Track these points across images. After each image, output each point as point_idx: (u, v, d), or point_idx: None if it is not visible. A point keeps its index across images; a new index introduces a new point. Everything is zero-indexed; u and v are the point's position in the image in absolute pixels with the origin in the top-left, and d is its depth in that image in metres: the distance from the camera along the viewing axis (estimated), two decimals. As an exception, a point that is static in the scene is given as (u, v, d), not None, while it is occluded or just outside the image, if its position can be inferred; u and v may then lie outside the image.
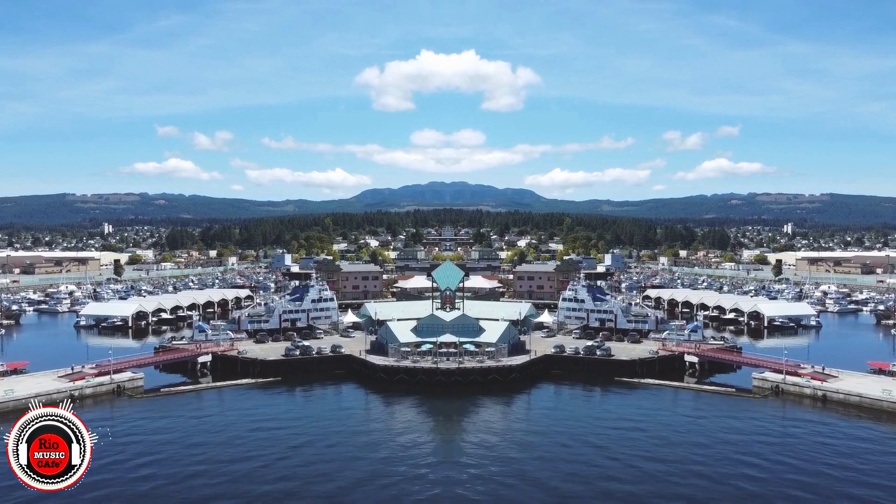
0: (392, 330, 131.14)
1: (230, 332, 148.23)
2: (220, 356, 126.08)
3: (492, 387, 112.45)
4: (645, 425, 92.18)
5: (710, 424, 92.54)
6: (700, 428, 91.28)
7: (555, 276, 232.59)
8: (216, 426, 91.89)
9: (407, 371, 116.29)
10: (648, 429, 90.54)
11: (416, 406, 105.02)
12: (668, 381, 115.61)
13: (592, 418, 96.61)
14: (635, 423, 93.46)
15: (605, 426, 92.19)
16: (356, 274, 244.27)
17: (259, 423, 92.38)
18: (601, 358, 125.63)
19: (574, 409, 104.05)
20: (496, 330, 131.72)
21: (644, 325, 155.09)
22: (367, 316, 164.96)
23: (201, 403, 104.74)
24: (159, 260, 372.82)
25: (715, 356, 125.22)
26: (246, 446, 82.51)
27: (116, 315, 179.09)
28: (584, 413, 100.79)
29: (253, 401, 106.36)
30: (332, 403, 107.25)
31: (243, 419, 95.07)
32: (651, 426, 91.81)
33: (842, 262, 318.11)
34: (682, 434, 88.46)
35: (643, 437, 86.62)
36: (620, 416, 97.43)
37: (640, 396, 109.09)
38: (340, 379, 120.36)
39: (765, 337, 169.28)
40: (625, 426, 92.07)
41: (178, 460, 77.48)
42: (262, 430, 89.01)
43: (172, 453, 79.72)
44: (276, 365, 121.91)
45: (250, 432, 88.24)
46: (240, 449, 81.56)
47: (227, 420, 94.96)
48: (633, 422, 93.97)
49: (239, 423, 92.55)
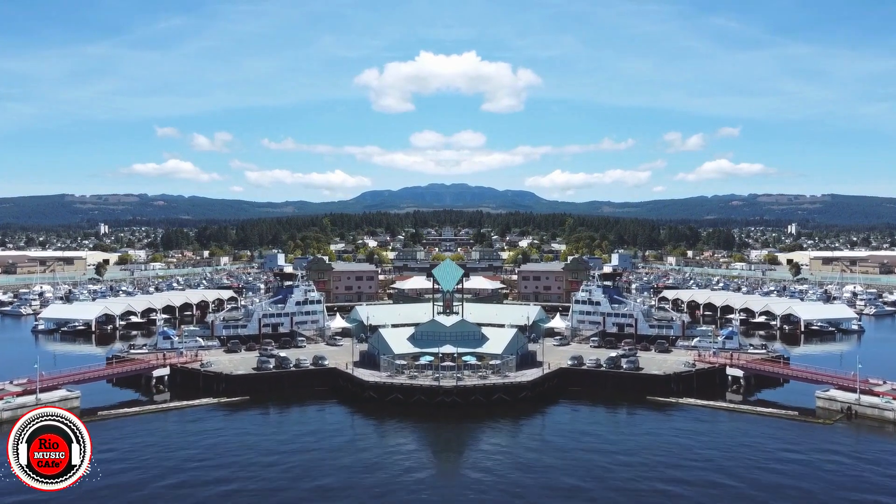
0: (385, 338, 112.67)
1: (200, 338, 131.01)
2: (180, 369, 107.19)
3: (497, 409, 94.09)
4: (692, 461, 73.95)
5: (781, 464, 72.95)
6: (767, 467, 72.23)
7: (563, 276, 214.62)
8: (148, 464, 71.91)
9: (402, 389, 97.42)
10: (697, 466, 72.36)
11: (408, 433, 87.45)
12: (713, 402, 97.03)
13: (624, 452, 77.83)
14: (679, 458, 75.27)
15: (640, 462, 73.94)
16: (349, 274, 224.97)
17: (210, 460, 74.05)
18: (628, 372, 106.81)
19: (599, 438, 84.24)
20: (501, 338, 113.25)
21: (669, 331, 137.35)
22: (358, 321, 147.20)
23: (139, 431, 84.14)
24: (150, 260, 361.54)
25: (763, 369, 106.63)
26: (185, 497, 64.10)
27: (78, 319, 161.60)
28: (613, 444, 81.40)
29: (209, 426, 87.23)
30: (307, 429, 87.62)
31: (191, 455, 75.89)
32: (700, 464, 73.29)
33: (858, 262, 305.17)
34: (743, 476, 69.56)
35: (692, 479, 68.54)
36: (658, 448, 78.90)
37: (680, 420, 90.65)
38: (322, 398, 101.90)
39: (801, 343, 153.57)
40: (665, 462, 73.84)
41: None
42: (211, 468, 70.95)
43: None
44: (244, 381, 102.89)
45: (194, 471, 69.98)
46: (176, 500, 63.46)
47: (167, 456, 74.94)
48: (675, 457, 75.73)
49: (183, 463, 73.04)
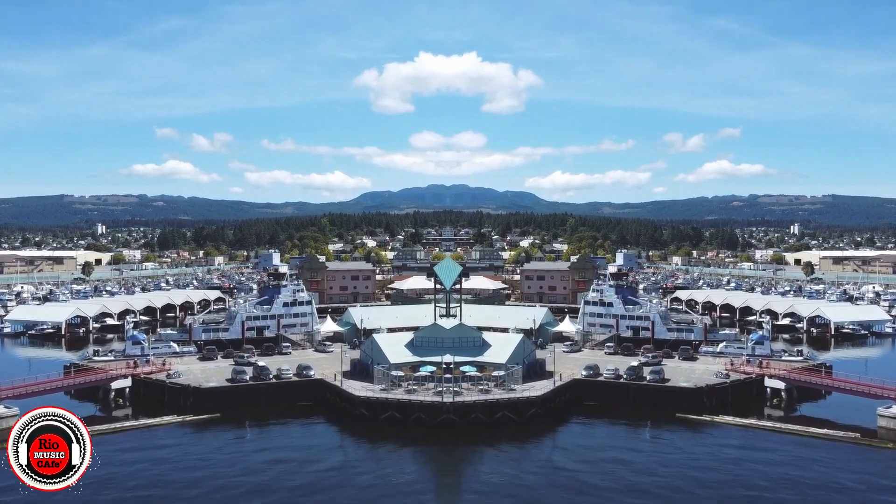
0: (379, 345, 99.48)
1: (175, 343, 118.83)
2: (143, 380, 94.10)
3: (502, 429, 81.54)
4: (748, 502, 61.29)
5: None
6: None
7: (569, 276, 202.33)
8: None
9: (399, 406, 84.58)
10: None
11: (403, 459, 75.23)
12: (757, 420, 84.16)
13: (656, 485, 65.01)
14: (728, 496, 62.67)
15: (680, 499, 61.57)
16: (344, 273, 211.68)
17: (157, 495, 61.51)
18: (653, 384, 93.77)
19: (626, 466, 71.03)
20: (506, 345, 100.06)
21: (689, 335, 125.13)
22: (351, 324, 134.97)
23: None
24: (143, 260, 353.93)
25: (809, 380, 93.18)
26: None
27: (47, 321, 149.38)
28: (642, 474, 68.60)
29: (168, 453, 73.70)
30: (282, 455, 74.22)
31: (137, 490, 62.60)
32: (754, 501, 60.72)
33: (869, 262, 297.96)
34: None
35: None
36: (698, 480, 66.12)
37: (719, 443, 77.64)
38: (306, 414, 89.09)
39: (831, 347, 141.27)
40: (710, 497, 61.48)
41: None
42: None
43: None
44: (214, 395, 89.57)
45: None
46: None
47: (97, 498, 59.72)
48: (722, 492, 63.15)
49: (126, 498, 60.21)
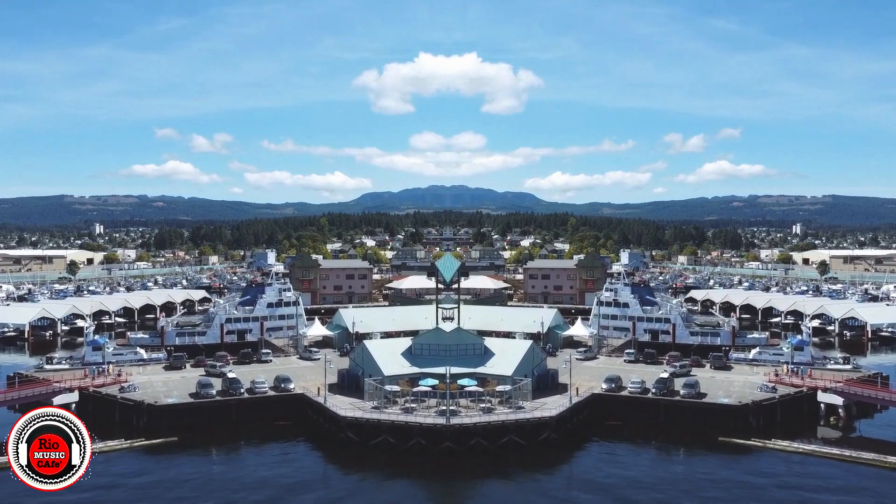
0: (371, 353, 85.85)
1: (143, 349, 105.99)
2: (91, 395, 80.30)
3: (508, 456, 67.86)
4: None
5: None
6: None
7: (576, 274, 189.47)
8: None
9: (393, 430, 70.85)
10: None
11: (394, 491, 62.44)
12: (821, 447, 70.42)
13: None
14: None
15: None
16: (338, 271, 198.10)
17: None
18: (688, 401, 80.00)
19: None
20: (512, 354, 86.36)
21: (716, 339, 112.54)
22: (342, 327, 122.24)
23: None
24: (136, 259, 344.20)
25: (869, 394, 79.32)
26: None
27: (8, 323, 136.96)
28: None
29: (105, 490, 59.18)
30: (253, 490, 61.27)
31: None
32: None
33: (882, 261, 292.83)
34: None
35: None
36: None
37: (779, 476, 64.00)
38: (283, 437, 76.04)
39: (868, 352, 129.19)
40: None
41: None
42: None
43: None
44: (172, 413, 76.21)
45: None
46: None
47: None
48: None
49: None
